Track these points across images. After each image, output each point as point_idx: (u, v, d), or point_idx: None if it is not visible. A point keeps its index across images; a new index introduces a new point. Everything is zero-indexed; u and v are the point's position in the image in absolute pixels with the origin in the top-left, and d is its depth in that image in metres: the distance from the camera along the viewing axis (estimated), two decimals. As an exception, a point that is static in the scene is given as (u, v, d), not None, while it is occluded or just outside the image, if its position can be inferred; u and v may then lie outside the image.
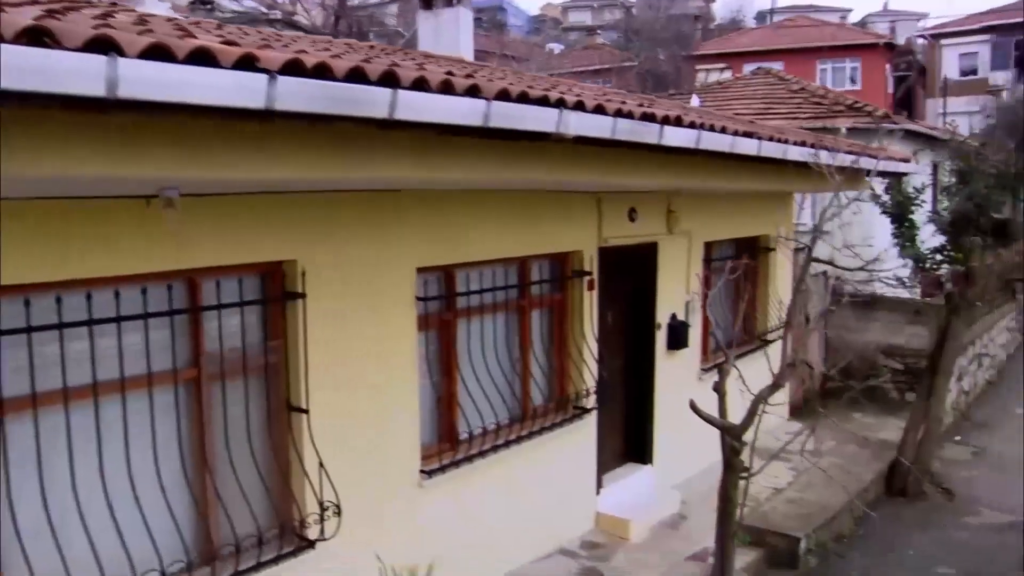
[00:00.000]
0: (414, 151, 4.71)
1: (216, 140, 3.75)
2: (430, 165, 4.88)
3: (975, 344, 16.91)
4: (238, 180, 4.14)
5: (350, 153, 4.39)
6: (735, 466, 5.26)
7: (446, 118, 4.33)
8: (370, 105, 3.93)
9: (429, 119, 4.25)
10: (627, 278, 9.75)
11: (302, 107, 3.65)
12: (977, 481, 12.44)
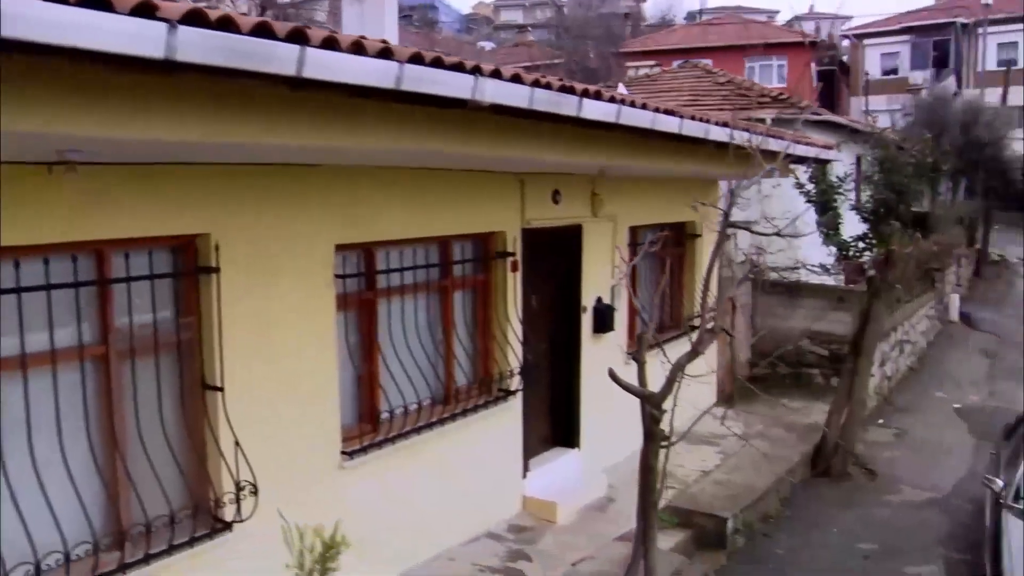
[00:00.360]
0: (325, 116, 4.61)
1: (113, 93, 3.61)
2: (342, 131, 4.78)
3: (897, 331, 17.23)
4: (137, 140, 3.99)
5: (257, 115, 4.28)
6: (655, 435, 5.24)
7: (357, 79, 4.23)
8: (277, 61, 3.82)
9: (340, 79, 4.15)
10: (552, 261, 9.73)
11: (204, 59, 3.53)
12: (899, 461, 12.67)
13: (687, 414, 12.35)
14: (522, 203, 8.80)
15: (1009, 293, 27.38)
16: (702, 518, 9.52)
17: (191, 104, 3.92)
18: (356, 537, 6.88)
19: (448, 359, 8.19)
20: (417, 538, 7.77)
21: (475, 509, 8.52)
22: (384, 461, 7.31)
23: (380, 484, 7.31)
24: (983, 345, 21.17)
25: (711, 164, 9.13)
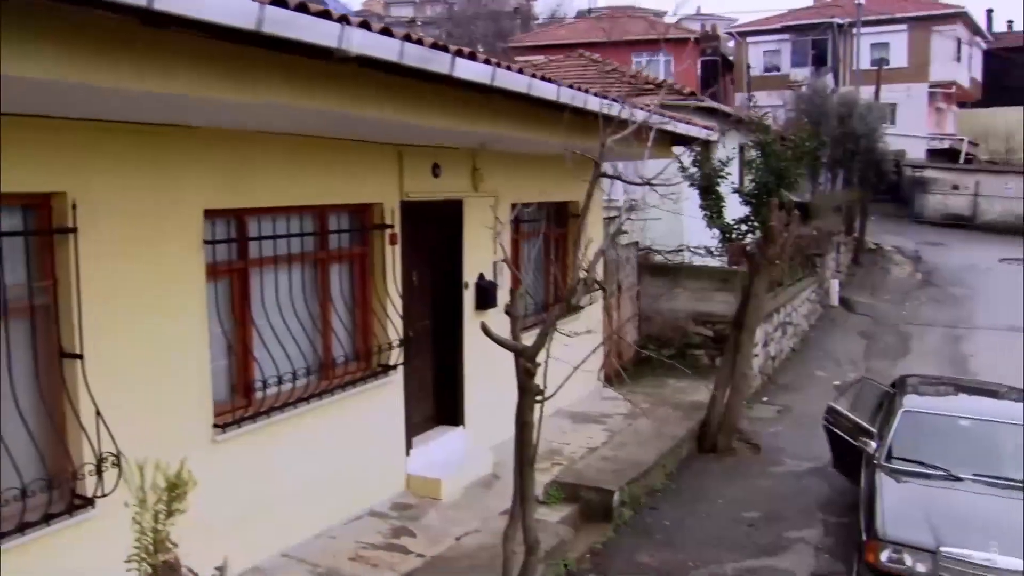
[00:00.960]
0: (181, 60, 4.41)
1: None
2: (199, 80, 4.57)
3: (779, 313, 17.62)
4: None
5: (107, 54, 4.05)
6: (529, 389, 5.17)
7: (214, 16, 4.02)
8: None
9: (194, 15, 3.94)
10: (433, 236, 9.62)
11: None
12: (781, 435, 12.95)
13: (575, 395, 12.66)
14: (400, 175, 8.67)
15: (885, 279, 28.32)
16: (588, 492, 9.54)
17: (25, 35, 3.67)
18: (232, 515, 6.71)
19: (326, 332, 8.00)
20: (296, 516, 7.57)
21: (357, 487, 8.35)
22: (260, 436, 7.10)
23: (256, 460, 7.09)
24: (861, 327, 21.82)
25: (592, 139, 9.12)
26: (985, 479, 8.25)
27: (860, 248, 30.36)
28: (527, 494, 5.38)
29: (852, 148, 29.65)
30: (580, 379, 13.07)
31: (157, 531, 3.48)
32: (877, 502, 7.88)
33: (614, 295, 14.76)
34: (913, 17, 46.78)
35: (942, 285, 27.40)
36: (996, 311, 23.35)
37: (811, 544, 9.26)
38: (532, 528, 5.46)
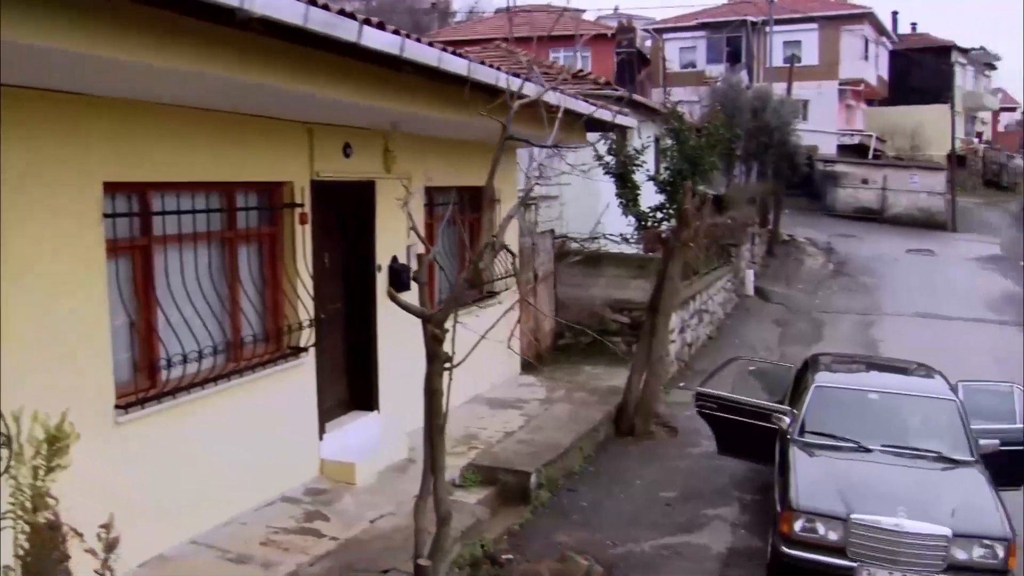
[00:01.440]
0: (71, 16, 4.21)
1: None
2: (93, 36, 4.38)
3: (696, 300, 17.78)
4: None
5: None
6: (438, 355, 5.08)
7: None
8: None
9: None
10: (345, 217, 9.47)
11: None
12: (697, 419, 12.90)
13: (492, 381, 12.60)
14: (311, 154, 8.49)
15: (799, 269, 28.85)
16: (505, 474, 9.47)
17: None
18: (136, 500, 6.48)
19: (234, 313, 7.79)
20: (205, 502, 7.35)
21: (269, 472, 8.15)
22: (166, 417, 6.87)
23: (162, 443, 6.86)
24: (775, 316, 22.17)
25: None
26: (893, 450, 8.41)
27: (774, 239, 30.86)
28: (437, 464, 5.28)
29: (766, 141, 30.14)
30: (497, 366, 13.11)
31: (36, 487, 3.29)
32: (791, 475, 7.98)
33: (530, 283, 14.74)
34: (823, 16, 47.83)
35: (853, 275, 28.03)
36: (904, 299, 23.98)
37: (728, 521, 9.34)
38: (444, 500, 5.37)
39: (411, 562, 7.02)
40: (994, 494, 7.75)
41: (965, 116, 57.47)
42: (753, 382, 10.81)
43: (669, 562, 8.31)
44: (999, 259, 32.12)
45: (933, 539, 7.18)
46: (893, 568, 7.17)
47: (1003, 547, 7.16)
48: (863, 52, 48.85)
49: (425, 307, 5.24)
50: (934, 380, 9.61)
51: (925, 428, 8.80)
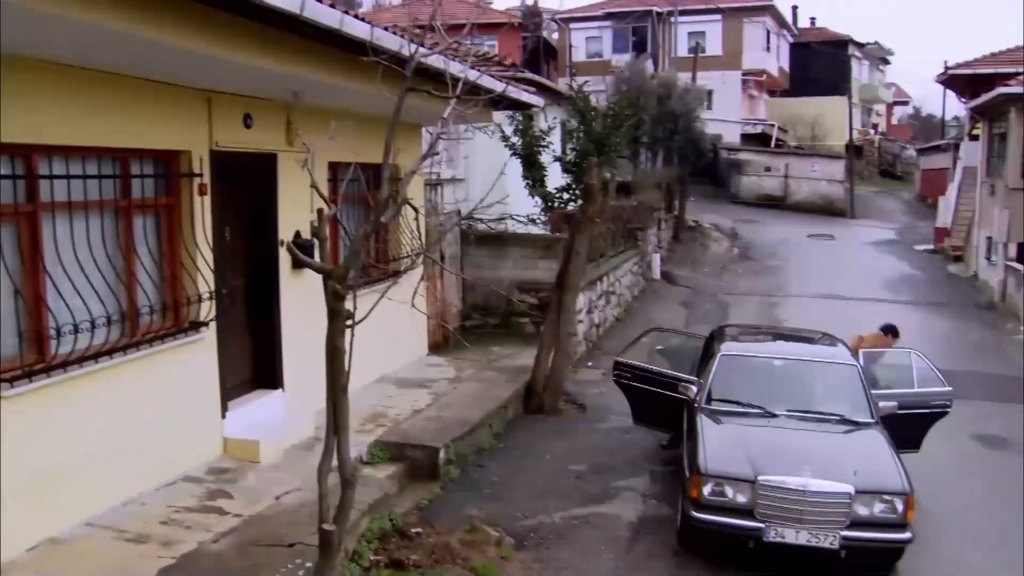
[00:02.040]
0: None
1: None
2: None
3: (603, 281, 17.85)
4: None
5: None
6: (339, 313, 4.93)
7: None
8: None
9: None
10: (247, 192, 9.20)
11: None
12: (607, 395, 13.04)
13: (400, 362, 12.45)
14: (210, 123, 8.22)
15: (704, 254, 29.28)
16: (414, 450, 9.35)
17: None
18: (24, 480, 6.19)
19: (130, 284, 7.47)
20: (102, 482, 7.06)
21: (169, 451, 7.87)
22: (57, 392, 6.56)
23: (52, 419, 6.55)
24: (682, 298, 22.45)
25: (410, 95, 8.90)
26: (798, 414, 8.54)
27: (680, 225, 31.23)
28: (341, 424, 5.14)
29: (671, 127, 30.46)
30: (404, 348, 12.95)
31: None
32: (699, 441, 8.03)
33: (437, 264, 14.60)
34: (727, 8, 48.57)
35: (757, 258, 28.54)
36: (807, 280, 24.51)
37: (638, 491, 9.38)
38: (348, 460, 5.23)
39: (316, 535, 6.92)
40: (893, 453, 7.94)
41: (861, 108, 59.00)
42: (669, 353, 10.89)
43: (580, 531, 8.29)
44: (895, 243, 33.11)
45: (837, 497, 7.32)
46: (799, 526, 7.29)
47: (902, 501, 7.36)
48: (765, 43, 49.77)
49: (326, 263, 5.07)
50: (836, 347, 9.80)
51: (828, 393, 8.98)
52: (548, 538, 8.10)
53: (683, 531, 7.96)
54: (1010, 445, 11.83)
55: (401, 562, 7.05)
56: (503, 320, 15.72)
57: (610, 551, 7.90)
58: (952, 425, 10.87)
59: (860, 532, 7.30)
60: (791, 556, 7.63)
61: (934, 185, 41.48)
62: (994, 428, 12.48)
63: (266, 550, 6.70)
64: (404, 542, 7.48)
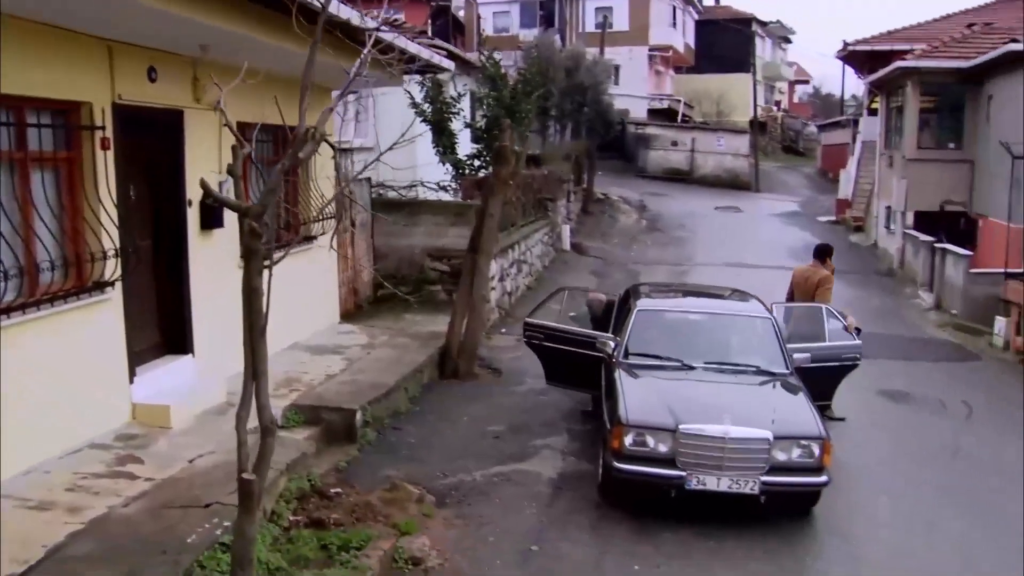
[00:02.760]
0: None
1: None
2: None
3: (515, 250, 17.80)
4: None
5: None
6: (256, 252, 4.74)
7: None
8: None
9: None
10: (153, 149, 8.87)
11: None
12: (521, 360, 13.01)
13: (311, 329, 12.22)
14: (111, 74, 7.87)
15: (613, 226, 29.48)
16: (330, 413, 9.18)
17: None
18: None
19: (28, 241, 7.11)
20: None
21: (75, 417, 7.55)
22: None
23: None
24: (592, 268, 22.59)
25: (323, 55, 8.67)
26: (715, 366, 8.63)
27: (589, 198, 31.37)
28: (259, 369, 4.95)
29: (580, 100, 30.53)
30: (316, 315, 12.72)
31: None
32: (618, 394, 8.03)
33: (348, 231, 14.38)
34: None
35: (666, 230, 28.87)
36: (714, 250, 24.88)
37: (557, 449, 9.37)
38: (267, 407, 5.05)
39: (235, 494, 6.72)
40: (809, 401, 8.08)
41: (764, 86, 60.04)
42: (581, 320, 10.92)
43: (501, 488, 8.24)
44: (798, 215, 33.85)
45: (756, 443, 7.42)
46: (720, 473, 7.36)
47: (819, 446, 7.50)
48: (672, 20, 50.21)
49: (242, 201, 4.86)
50: (750, 302, 9.93)
51: (743, 345, 9.09)
52: (469, 495, 8.03)
53: (604, 484, 7.98)
54: (913, 399, 12.26)
55: (322, 521, 6.89)
56: (415, 288, 15.53)
57: (532, 506, 7.87)
58: (860, 381, 11.26)
59: (779, 477, 7.42)
60: (710, 505, 7.74)
61: (834, 160, 42.61)
62: (898, 384, 12.88)
63: (181, 512, 6.48)
64: (324, 502, 7.33)
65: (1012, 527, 7.88)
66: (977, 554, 7.50)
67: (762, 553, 7.20)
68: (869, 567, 7.18)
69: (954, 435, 10.73)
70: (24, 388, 6.92)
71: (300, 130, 4.89)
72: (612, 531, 7.45)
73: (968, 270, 18.06)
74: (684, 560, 7.00)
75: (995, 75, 21.39)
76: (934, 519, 8.16)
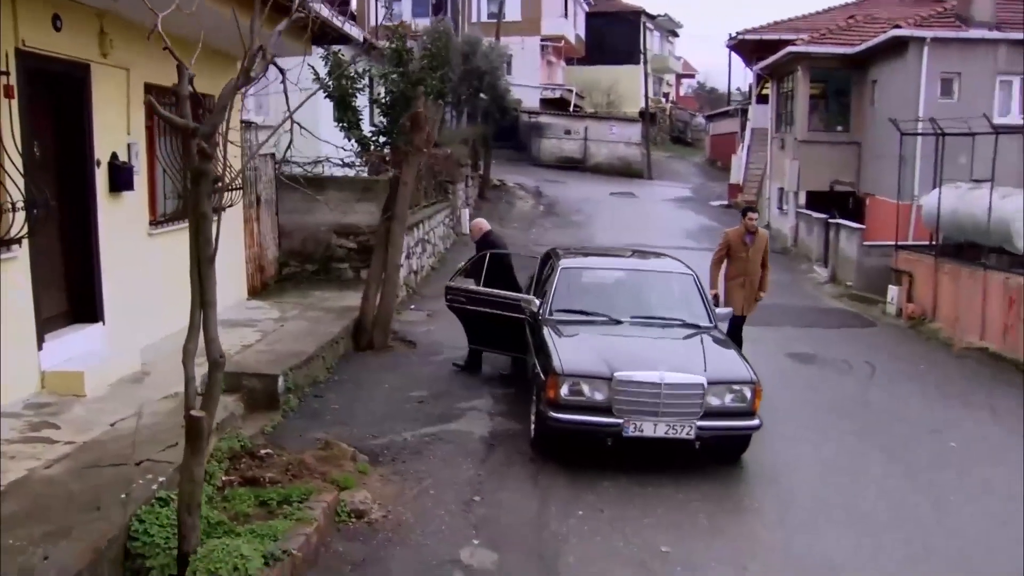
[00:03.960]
0: None
1: None
2: None
3: (420, 229, 17.66)
4: None
5: None
6: (207, 174, 4.56)
7: None
8: None
9: None
10: (58, 105, 8.46)
11: None
12: (435, 333, 12.96)
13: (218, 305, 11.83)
14: (14, 18, 7.42)
15: (511, 210, 29.53)
16: (251, 379, 8.93)
17: None
18: None
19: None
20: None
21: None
22: None
23: None
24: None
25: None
26: (642, 321, 8.70)
27: (486, 184, 31.35)
28: (207, 299, 4.78)
29: (476, 85, 30.45)
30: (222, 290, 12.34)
31: None
32: (550, 348, 8.01)
33: (252, 207, 14.02)
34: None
35: (563, 215, 29.06)
36: (613, 232, 25.15)
37: (483, 411, 9.34)
38: (215, 340, 4.87)
39: (165, 451, 6.46)
40: (736, 350, 8.22)
41: (653, 78, 60.93)
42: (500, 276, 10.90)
43: (433, 447, 8.16)
44: (692, 200, 34.52)
45: (691, 388, 7.52)
46: (657, 420, 7.42)
47: (750, 390, 7.67)
48: (563, 10, 50.47)
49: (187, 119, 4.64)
50: (669, 260, 10.04)
51: (668, 300, 9.23)
52: (402, 454, 7.91)
53: (539, 437, 7.97)
54: (820, 360, 12.66)
55: (256, 479, 6.68)
56: (321, 266, 15.28)
57: (467, 462, 7.81)
58: (768, 346, 11.68)
59: (714, 422, 7.54)
60: (644, 455, 7.83)
61: (722, 149, 43.56)
62: (804, 348, 13.29)
63: (111, 470, 6.17)
64: (255, 462, 7.10)
65: (924, 465, 8.40)
66: (894, 487, 7.85)
67: (699, 495, 7.31)
68: (800, 503, 7.39)
69: (862, 390, 11.16)
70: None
71: (252, 48, 4.66)
72: (551, 482, 7.43)
73: (861, 243, 18.70)
74: (626, 504, 7.03)
75: (879, 61, 22.18)
76: (853, 461, 8.49)
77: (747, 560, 6.28)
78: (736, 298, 11.06)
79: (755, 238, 11.34)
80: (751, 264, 11.19)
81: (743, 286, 11.16)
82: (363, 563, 5.88)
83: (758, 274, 11.32)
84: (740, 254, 11.20)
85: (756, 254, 11.24)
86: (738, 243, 11.25)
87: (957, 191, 15.30)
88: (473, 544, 6.23)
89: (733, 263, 11.27)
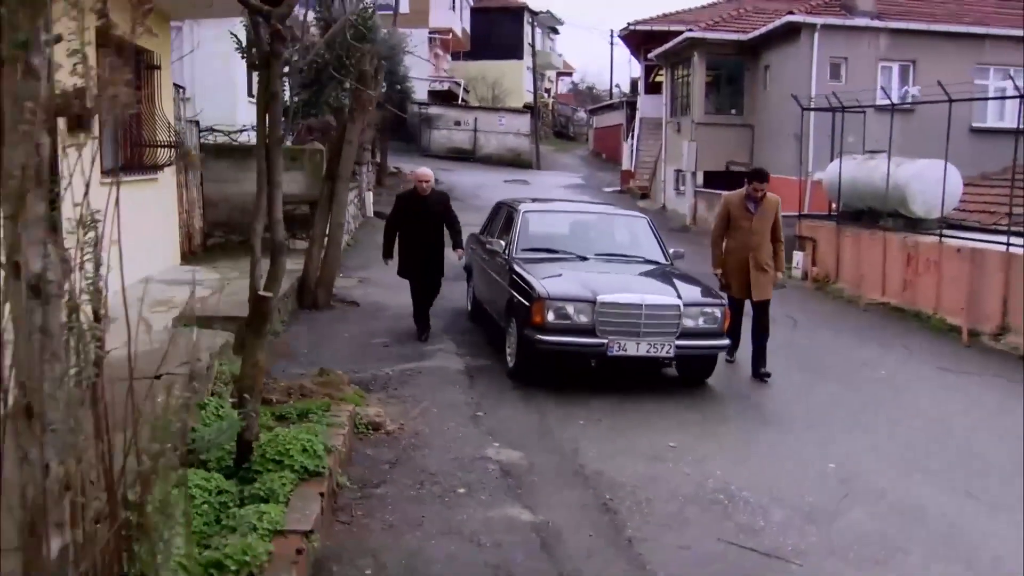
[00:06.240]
0: None
1: None
2: None
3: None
4: None
5: None
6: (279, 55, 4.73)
7: None
8: None
9: None
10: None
11: None
12: (372, 295, 13.13)
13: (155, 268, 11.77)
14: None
15: (412, 197, 29.61)
16: (224, 323, 8.92)
17: None
18: None
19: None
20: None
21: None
22: None
23: None
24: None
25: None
26: (606, 257, 9.22)
27: (383, 171, 31.41)
28: (273, 179, 4.95)
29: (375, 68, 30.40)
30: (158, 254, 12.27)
31: None
32: (529, 280, 8.32)
33: (182, 172, 13.88)
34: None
35: (463, 198, 29.29)
36: (517, 214, 25.54)
37: (451, 352, 9.62)
38: (279, 222, 5.13)
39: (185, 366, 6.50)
40: (697, 280, 8.89)
41: (536, 73, 61.89)
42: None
43: (417, 378, 8.41)
44: (585, 186, 35.28)
45: (669, 309, 8.02)
46: (638, 339, 7.86)
47: (720, 311, 8.29)
48: (451, 3, 50.73)
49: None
50: (622, 207, 10.54)
51: (627, 240, 9.77)
52: (390, 384, 8.15)
53: (521, 365, 8.29)
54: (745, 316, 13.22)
55: (267, 400, 6.79)
56: (249, 236, 15.15)
57: (455, 388, 8.11)
58: None
59: (689, 341, 8.04)
60: (618, 375, 8.37)
61: (607, 142, 44.59)
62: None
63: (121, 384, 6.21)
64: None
65: (866, 389, 9.15)
66: (847, 401, 8.57)
67: (684, 408, 7.85)
68: (772, 413, 8.03)
69: (791, 336, 11.81)
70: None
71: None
72: (542, 402, 7.78)
73: (761, 216, 19.57)
74: (620, 416, 7.46)
75: (772, 47, 23.22)
76: (804, 384, 9.20)
77: (744, 454, 6.81)
78: (735, 277, 9.31)
79: (760, 205, 9.23)
80: (756, 236, 9.15)
81: (745, 262, 9.21)
82: (397, 462, 6.11)
83: (766, 248, 9.23)
84: (741, 223, 9.24)
85: (762, 223, 9.19)
86: (739, 210, 9.27)
87: (855, 162, 16.27)
88: (494, 446, 6.55)
89: (732, 234, 9.39)
